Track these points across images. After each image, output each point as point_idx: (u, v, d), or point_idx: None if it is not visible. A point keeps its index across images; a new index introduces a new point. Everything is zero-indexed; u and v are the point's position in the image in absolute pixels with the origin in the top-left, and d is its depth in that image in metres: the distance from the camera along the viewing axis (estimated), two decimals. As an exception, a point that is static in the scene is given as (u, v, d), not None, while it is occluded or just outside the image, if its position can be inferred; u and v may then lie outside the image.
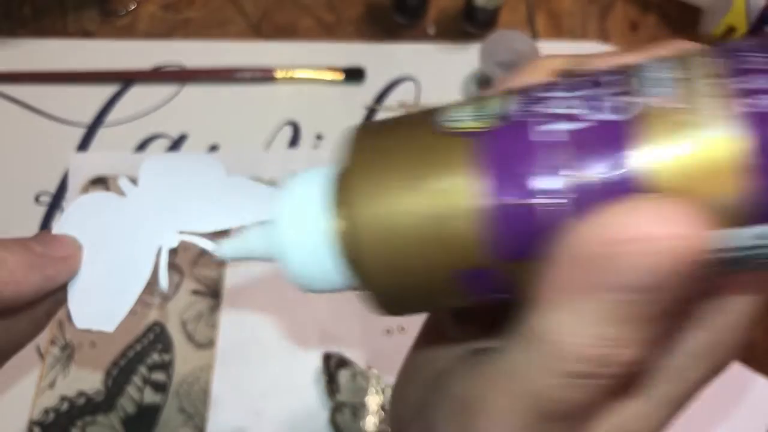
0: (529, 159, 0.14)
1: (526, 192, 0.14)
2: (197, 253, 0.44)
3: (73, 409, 0.40)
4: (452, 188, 0.15)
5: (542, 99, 0.15)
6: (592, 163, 0.13)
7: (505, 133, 0.15)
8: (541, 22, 0.57)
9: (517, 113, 0.15)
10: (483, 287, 0.16)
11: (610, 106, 0.14)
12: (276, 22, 0.55)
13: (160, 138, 0.49)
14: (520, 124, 0.14)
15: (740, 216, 0.13)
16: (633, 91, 0.14)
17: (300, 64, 0.52)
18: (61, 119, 0.49)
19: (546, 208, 0.14)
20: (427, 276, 0.16)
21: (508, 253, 0.15)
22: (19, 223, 0.45)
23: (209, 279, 0.44)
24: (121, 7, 0.54)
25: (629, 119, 0.13)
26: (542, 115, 0.14)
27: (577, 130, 0.14)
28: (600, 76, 0.15)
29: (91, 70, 0.51)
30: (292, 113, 0.51)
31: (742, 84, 0.13)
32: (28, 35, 0.53)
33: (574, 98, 0.14)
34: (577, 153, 0.14)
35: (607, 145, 0.13)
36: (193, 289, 0.43)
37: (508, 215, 0.14)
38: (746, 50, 0.14)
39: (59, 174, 0.47)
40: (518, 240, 0.14)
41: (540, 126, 0.14)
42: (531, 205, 0.14)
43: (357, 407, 0.40)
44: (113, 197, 0.25)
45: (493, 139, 0.15)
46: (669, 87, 0.13)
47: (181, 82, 0.51)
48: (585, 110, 0.14)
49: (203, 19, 0.55)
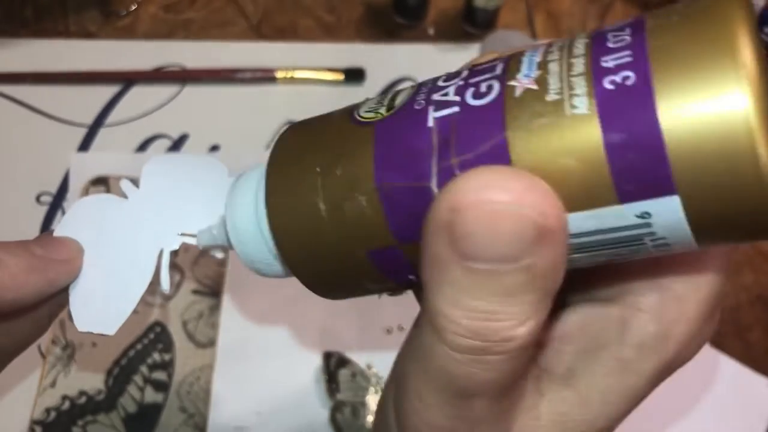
0: (409, 144, 0.15)
1: (407, 175, 0.15)
2: (198, 253, 0.44)
3: (74, 408, 0.40)
4: (355, 173, 0.16)
5: (432, 89, 0.16)
6: (458, 146, 0.14)
7: (394, 120, 0.16)
8: (540, 23, 0.57)
9: (408, 102, 0.16)
10: (396, 268, 0.16)
11: (476, 91, 0.15)
12: (276, 23, 0.55)
13: (161, 138, 0.49)
14: (406, 111, 0.16)
15: (599, 195, 0.13)
16: (499, 77, 0.14)
17: (300, 65, 0.52)
18: (63, 120, 0.49)
19: (422, 190, 0.15)
20: (343, 258, 0.17)
21: (402, 234, 0.15)
22: (20, 223, 0.45)
23: (210, 278, 0.44)
24: (122, 7, 0.55)
25: (490, 102, 0.14)
26: (426, 102, 0.15)
27: (447, 115, 0.15)
28: (480, 64, 0.16)
29: (93, 70, 0.51)
30: (293, 113, 0.51)
31: (591, 62, 0.13)
32: (29, 36, 0.53)
33: (452, 85, 0.15)
34: (446, 137, 0.14)
35: (471, 128, 0.14)
36: (193, 289, 0.43)
37: (396, 197, 0.15)
38: (614, 30, 0.14)
39: (60, 174, 0.47)
40: (406, 221, 0.15)
41: (419, 114, 0.15)
42: (410, 186, 0.15)
43: (357, 406, 0.40)
44: (115, 199, 0.25)
45: (386, 126, 0.16)
46: (535, 69, 0.14)
47: (181, 82, 0.52)
48: (456, 96, 0.15)
49: (204, 20, 0.55)
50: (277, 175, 0.18)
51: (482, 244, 0.13)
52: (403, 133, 0.15)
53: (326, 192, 0.16)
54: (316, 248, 0.17)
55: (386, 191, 0.15)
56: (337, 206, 0.16)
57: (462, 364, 0.14)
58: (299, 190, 0.17)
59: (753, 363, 0.44)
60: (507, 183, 0.13)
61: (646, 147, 0.12)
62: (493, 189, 0.13)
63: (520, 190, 0.12)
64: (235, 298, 0.43)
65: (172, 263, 0.44)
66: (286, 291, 0.44)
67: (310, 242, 0.17)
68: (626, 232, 0.14)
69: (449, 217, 0.13)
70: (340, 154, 0.16)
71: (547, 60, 0.14)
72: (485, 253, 0.13)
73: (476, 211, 0.13)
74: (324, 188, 0.16)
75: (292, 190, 0.17)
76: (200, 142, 0.49)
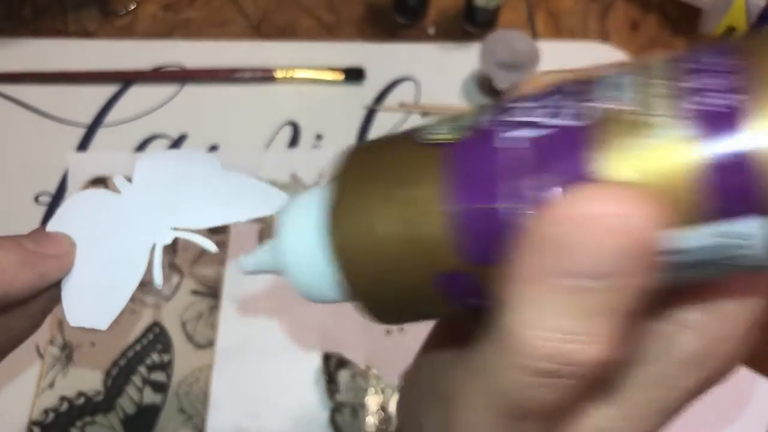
0: (492, 165, 0.15)
1: (488, 196, 0.15)
2: (197, 253, 0.44)
3: (73, 409, 0.40)
4: (424, 195, 0.16)
5: (510, 109, 0.15)
6: (551, 168, 0.14)
7: (471, 141, 0.15)
8: (541, 22, 0.57)
9: (485, 123, 0.16)
10: (462, 292, 0.16)
11: (569, 113, 0.14)
12: (276, 22, 0.55)
13: (159, 138, 0.49)
14: (485, 132, 0.15)
15: (695, 213, 0.13)
16: (593, 98, 0.14)
17: (300, 64, 0.52)
18: (61, 119, 0.49)
19: (508, 212, 0.14)
20: (409, 283, 0.16)
21: (478, 257, 0.15)
22: (18, 223, 0.45)
23: (209, 279, 0.44)
24: (121, 7, 0.54)
25: (586, 124, 0.14)
26: (506, 124, 0.15)
27: (537, 136, 0.14)
28: (566, 85, 0.15)
29: (91, 70, 0.51)
30: (292, 113, 0.51)
31: (689, 83, 0.13)
32: (28, 35, 0.53)
33: (538, 107, 0.15)
34: (537, 158, 0.14)
35: (565, 150, 0.14)
36: (192, 289, 0.43)
37: (473, 219, 0.15)
38: (701, 52, 0.14)
39: (59, 174, 0.47)
40: (485, 243, 0.15)
41: (503, 134, 0.15)
42: (493, 208, 0.15)
43: (357, 407, 0.40)
44: (108, 194, 0.25)
45: (461, 147, 0.16)
46: (626, 91, 0.14)
47: (181, 82, 0.51)
48: (546, 118, 0.15)
49: (203, 19, 0.55)
50: (341, 198, 0.17)
51: (580, 258, 0.13)
52: (479, 155, 0.15)
53: (394, 215, 0.16)
54: (382, 274, 0.17)
55: (460, 213, 0.15)
56: (406, 229, 0.16)
57: (527, 387, 0.14)
58: (365, 213, 0.17)
59: (753, 364, 0.44)
60: (614, 197, 0.12)
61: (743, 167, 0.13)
62: (599, 201, 0.12)
63: (629, 205, 0.12)
64: (235, 298, 0.43)
65: (171, 263, 0.44)
66: (285, 292, 0.44)
67: (376, 268, 0.17)
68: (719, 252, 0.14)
69: (548, 231, 0.13)
70: (409, 176, 0.16)
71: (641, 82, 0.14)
72: (581, 267, 0.13)
73: (580, 223, 0.12)
74: (392, 211, 0.16)
75: (358, 213, 0.17)
76: (199, 141, 0.49)
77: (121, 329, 0.42)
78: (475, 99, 0.53)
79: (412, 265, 0.16)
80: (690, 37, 0.57)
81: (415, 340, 0.50)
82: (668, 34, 0.57)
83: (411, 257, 0.16)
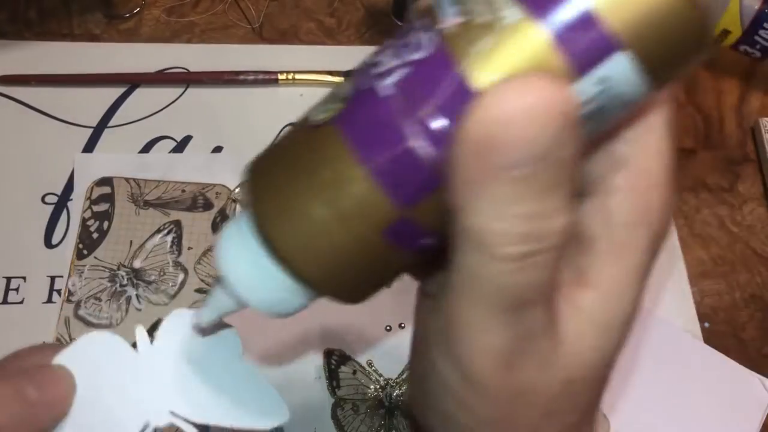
0: (385, 113, 0.16)
1: (396, 141, 0.16)
2: (202, 252, 0.45)
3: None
4: (340, 169, 0.16)
5: (371, 66, 0.17)
6: (434, 93, 0.15)
7: (357, 104, 0.17)
8: (538, 26, 0.58)
9: (362, 83, 0.17)
10: (413, 237, 0.17)
11: (412, 48, 0.16)
12: (278, 26, 0.56)
13: (164, 139, 0.50)
14: (365, 91, 0.16)
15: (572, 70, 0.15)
16: (431, 24, 0.16)
17: (302, 68, 0.53)
18: (68, 121, 0.50)
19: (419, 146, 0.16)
20: (362, 252, 0.17)
21: (411, 197, 0.16)
22: (26, 224, 0.46)
23: (214, 277, 0.44)
24: (126, 10, 0.55)
25: (432, 50, 0.15)
26: (372, 80, 0.16)
27: (410, 73, 0.16)
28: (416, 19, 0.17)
29: (97, 72, 0.52)
30: (294, 115, 0.51)
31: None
32: (33, 38, 0.54)
33: (388, 56, 0.16)
34: (418, 90, 0.15)
35: (428, 80, 0.15)
36: (197, 288, 0.44)
37: (392, 167, 0.16)
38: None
39: (65, 175, 0.48)
40: (412, 182, 0.16)
41: (381, 83, 0.16)
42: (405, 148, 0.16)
43: (358, 403, 0.41)
44: (125, 347, 0.24)
45: (350, 112, 0.17)
46: (452, 5, 0.16)
47: (185, 84, 0.52)
48: (397, 60, 0.16)
49: (206, 23, 0.55)
50: (266, 208, 0.18)
51: (517, 148, 0.14)
52: (366, 113, 0.16)
53: (322, 199, 0.17)
54: (335, 256, 0.17)
55: (379, 167, 0.16)
56: (338, 206, 0.17)
57: (515, 274, 0.15)
58: (296, 210, 0.17)
59: (747, 361, 0.45)
60: (523, 88, 0.14)
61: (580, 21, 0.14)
62: (513, 95, 0.14)
63: (539, 89, 0.14)
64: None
65: (176, 262, 0.44)
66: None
67: (325, 254, 0.17)
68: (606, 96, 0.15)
69: (480, 135, 0.14)
70: (319, 158, 0.17)
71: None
72: (522, 156, 0.14)
73: (506, 118, 0.14)
74: (319, 196, 0.17)
75: (289, 213, 0.17)
76: (203, 143, 0.50)
77: (127, 328, 0.43)
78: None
79: (357, 235, 0.17)
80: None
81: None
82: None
83: (354, 228, 0.17)
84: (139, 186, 0.47)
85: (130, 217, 0.46)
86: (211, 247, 0.46)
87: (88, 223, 0.46)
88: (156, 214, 0.47)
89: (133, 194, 0.47)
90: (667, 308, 0.46)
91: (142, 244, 0.46)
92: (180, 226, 0.46)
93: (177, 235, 0.46)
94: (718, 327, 0.47)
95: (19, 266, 0.45)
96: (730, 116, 0.55)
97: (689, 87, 0.56)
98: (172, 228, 0.46)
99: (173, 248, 0.46)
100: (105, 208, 0.47)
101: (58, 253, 0.45)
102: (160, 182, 0.48)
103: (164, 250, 0.45)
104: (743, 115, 0.55)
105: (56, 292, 0.44)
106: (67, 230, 0.46)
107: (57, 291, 0.44)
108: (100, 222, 0.46)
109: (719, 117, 0.55)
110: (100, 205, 0.47)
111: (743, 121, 0.55)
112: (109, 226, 0.46)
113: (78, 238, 0.45)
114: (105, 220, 0.46)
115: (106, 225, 0.46)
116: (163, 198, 0.47)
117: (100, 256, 0.45)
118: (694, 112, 0.55)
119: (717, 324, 0.47)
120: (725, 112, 0.55)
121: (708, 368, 0.44)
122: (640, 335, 0.44)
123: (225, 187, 0.48)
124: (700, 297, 0.47)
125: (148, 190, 0.47)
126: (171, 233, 0.46)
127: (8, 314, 0.43)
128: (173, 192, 0.47)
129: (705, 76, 0.57)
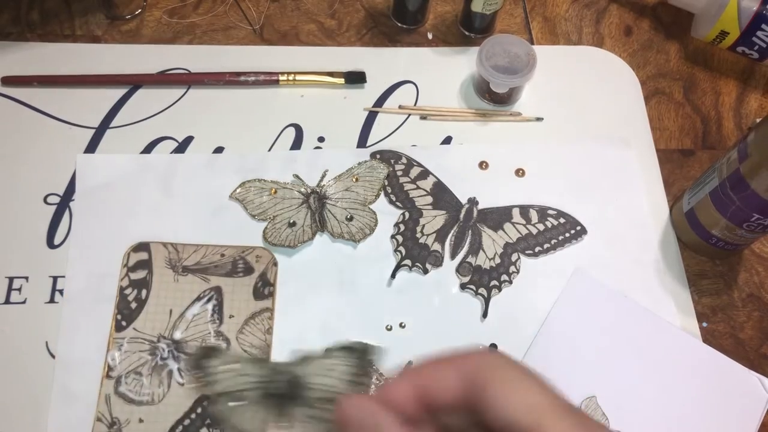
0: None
1: None
2: (243, 320, 0.44)
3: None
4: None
5: None
6: None
7: None
8: (537, 27, 0.58)
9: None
10: None
11: None
12: (279, 28, 0.56)
13: (166, 140, 0.50)
14: None
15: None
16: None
17: (302, 69, 0.53)
18: (70, 122, 0.50)
19: None
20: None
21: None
22: (28, 223, 0.46)
23: (256, 348, 0.43)
24: (127, 11, 0.56)
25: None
26: None
27: None
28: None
29: (100, 73, 0.52)
30: (295, 116, 0.52)
31: None
32: (36, 39, 0.54)
33: None
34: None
35: None
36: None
37: None
38: None
39: (68, 175, 0.48)
40: None
41: None
42: None
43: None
44: None
45: None
46: None
47: (186, 85, 0.53)
48: None
49: (208, 25, 0.56)
50: None
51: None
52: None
53: None
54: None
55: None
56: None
57: None
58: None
59: (745, 360, 0.45)
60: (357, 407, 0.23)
61: None
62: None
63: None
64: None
65: (218, 332, 0.43)
66: (288, 291, 0.45)
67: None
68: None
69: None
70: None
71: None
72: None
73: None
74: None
75: None
76: (205, 143, 0.50)
77: (170, 404, 0.41)
78: (473, 101, 0.54)
79: None
80: (683, 41, 0.58)
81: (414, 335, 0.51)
82: (661, 39, 0.59)
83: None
84: (177, 251, 0.46)
85: (168, 284, 0.44)
86: (253, 314, 0.43)
87: (125, 292, 0.44)
88: (195, 280, 0.45)
89: (171, 259, 0.45)
90: (666, 308, 0.47)
91: (182, 314, 0.44)
92: (220, 292, 0.44)
93: (218, 302, 0.44)
94: (716, 326, 0.47)
95: (22, 266, 0.45)
96: (728, 117, 0.55)
97: (688, 88, 0.56)
98: (212, 295, 0.44)
99: (214, 317, 0.44)
100: (143, 276, 0.45)
101: (60, 253, 0.45)
102: (199, 246, 0.46)
103: (205, 320, 0.44)
104: (741, 116, 0.56)
105: (58, 292, 0.44)
106: (68, 230, 0.46)
107: (59, 291, 0.44)
108: (138, 291, 0.44)
109: (717, 117, 0.55)
110: (138, 273, 0.45)
111: (741, 122, 0.55)
112: (148, 295, 0.44)
113: (116, 308, 0.44)
114: (143, 288, 0.44)
115: (144, 293, 0.44)
116: (202, 263, 0.45)
117: (139, 327, 0.43)
118: (693, 113, 0.55)
119: (715, 323, 0.47)
120: (723, 112, 0.56)
121: (707, 367, 0.44)
122: (640, 335, 0.45)
123: (265, 249, 0.46)
124: (699, 297, 0.48)
125: (186, 255, 0.45)
126: (211, 300, 0.44)
127: (11, 314, 0.43)
128: (212, 256, 0.45)
129: (703, 77, 0.57)
